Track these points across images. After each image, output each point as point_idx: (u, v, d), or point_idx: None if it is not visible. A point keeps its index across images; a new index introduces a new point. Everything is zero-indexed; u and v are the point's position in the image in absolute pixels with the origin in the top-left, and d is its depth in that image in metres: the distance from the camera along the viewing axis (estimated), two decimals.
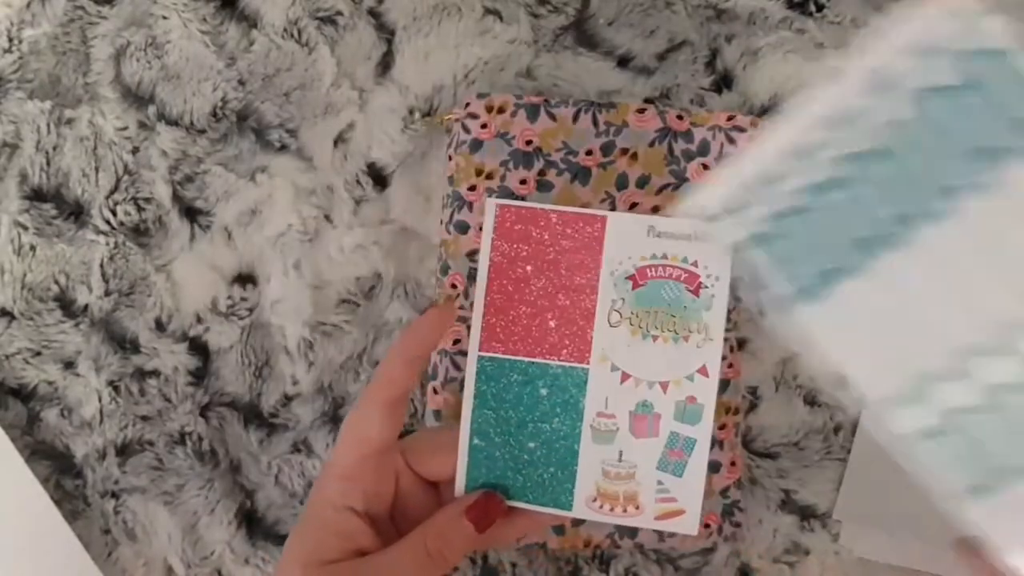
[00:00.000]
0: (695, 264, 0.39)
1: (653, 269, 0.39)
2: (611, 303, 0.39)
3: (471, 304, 0.49)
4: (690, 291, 0.39)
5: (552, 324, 0.39)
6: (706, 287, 0.39)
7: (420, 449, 0.42)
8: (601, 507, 0.40)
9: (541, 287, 0.39)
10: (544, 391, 0.40)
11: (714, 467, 0.50)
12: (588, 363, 0.39)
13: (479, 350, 0.40)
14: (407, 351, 0.41)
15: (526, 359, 0.40)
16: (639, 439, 0.39)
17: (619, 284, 0.39)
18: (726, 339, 0.50)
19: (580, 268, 0.39)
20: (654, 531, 0.49)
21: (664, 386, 0.39)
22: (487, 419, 0.40)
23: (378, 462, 0.40)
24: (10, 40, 0.55)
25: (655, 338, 0.39)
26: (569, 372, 0.39)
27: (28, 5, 0.55)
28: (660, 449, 0.39)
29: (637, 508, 0.40)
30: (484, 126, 0.50)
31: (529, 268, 0.40)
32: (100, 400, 0.54)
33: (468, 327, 0.49)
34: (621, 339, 0.39)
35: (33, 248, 0.54)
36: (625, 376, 0.39)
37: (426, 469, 0.41)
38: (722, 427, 0.50)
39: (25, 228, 0.54)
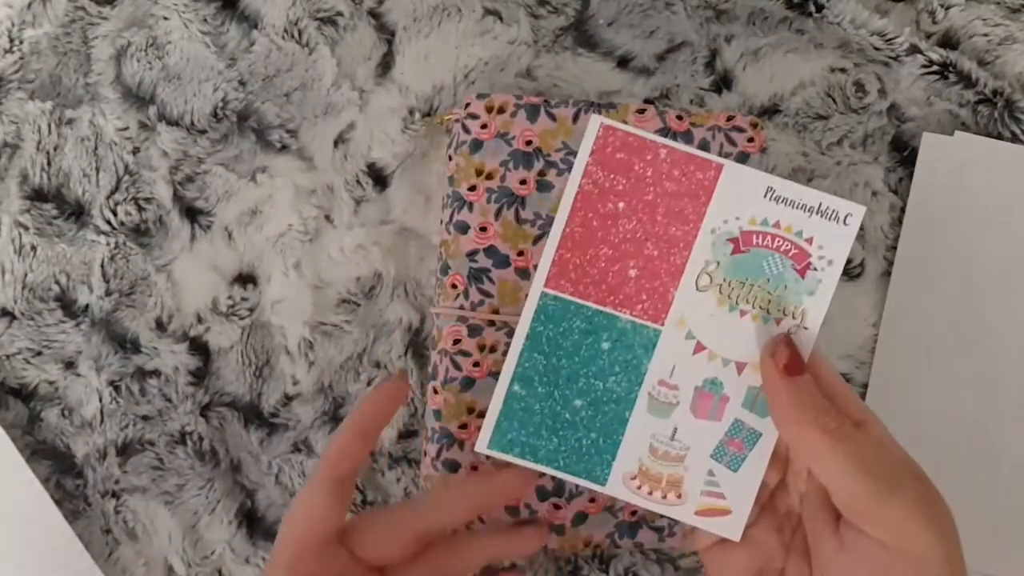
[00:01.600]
0: (809, 241, 0.34)
1: (760, 236, 0.34)
2: (704, 264, 0.35)
3: (471, 305, 0.49)
4: (796, 270, 0.34)
5: (632, 273, 0.35)
6: (815, 269, 0.34)
7: (362, 532, 0.39)
8: (639, 487, 0.36)
9: (630, 229, 0.35)
10: (606, 345, 0.35)
11: None
12: (663, 324, 0.35)
13: (544, 286, 0.35)
14: (362, 423, 0.38)
15: (594, 306, 0.35)
16: (699, 419, 0.35)
17: (718, 245, 0.34)
18: None
19: (679, 217, 0.34)
20: (654, 530, 0.49)
21: (740, 367, 0.35)
22: (535, 364, 0.36)
23: (321, 552, 0.38)
24: (11, 40, 0.55)
25: (743, 313, 0.34)
26: (639, 330, 0.35)
27: (29, 5, 0.55)
28: (720, 435, 0.35)
29: (679, 496, 0.35)
30: (484, 126, 0.50)
31: (621, 205, 0.35)
32: (101, 400, 0.54)
33: (468, 327, 0.49)
34: (706, 306, 0.35)
35: (34, 248, 0.54)
36: (700, 347, 0.35)
37: (369, 553, 0.39)
38: None
39: (26, 228, 0.54)
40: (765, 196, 0.34)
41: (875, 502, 0.33)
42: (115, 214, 0.55)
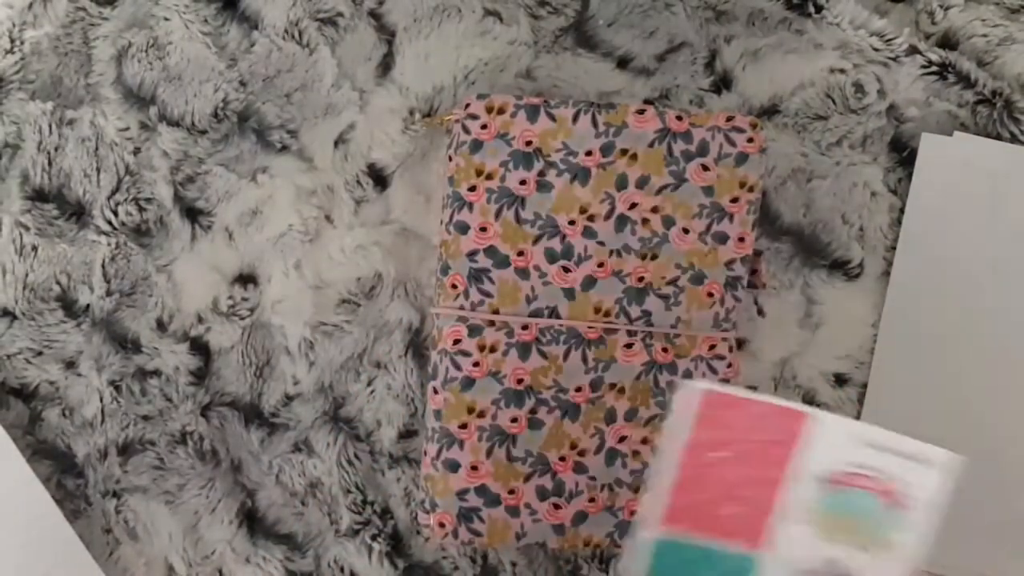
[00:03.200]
0: (901, 482, 0.37)
1: (853, 478, 0.37)
2: (799, 502, 0.37)
3: (471, 304, 0.50)
4: (889, 508, 0.37)
5: (735, 511, 0.38)
6: (907, 508, 0.37)
7: None
8: None
9: (730, 474, 0.38)
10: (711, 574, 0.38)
11: None
12: (760, 551, 0.38)
13: (661, 525, 0.38)
14: None
15: (703, 541, 0.38)
16: None
17: (811, 484, 0.37)
18: (725, 339, 0.51)
19: (774, 462, 0.38)
20: None
21: None
22: None
23: None
24: (12, 41, 0.55)
25: (838, 546, 0.37)
26: (743, 560, 0.38)
27: (30, 6, 0.55)
28: None
29: None
30: (484, 127, 0.50)
31: (723, 454, 0.38)
32: (101, 400, 0.54)
33: (468, 327, 0.49)
34: (801, 539, 0.37)
35: (35, 248, 0.54)
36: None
37: None
38: None
39: (27, 228, 0.54)
40: (856, 443, 0.37)
41: None
42: (116, 214, 0.55)
